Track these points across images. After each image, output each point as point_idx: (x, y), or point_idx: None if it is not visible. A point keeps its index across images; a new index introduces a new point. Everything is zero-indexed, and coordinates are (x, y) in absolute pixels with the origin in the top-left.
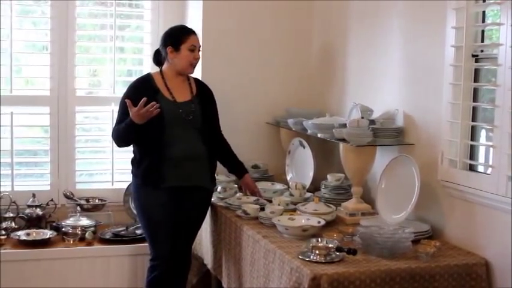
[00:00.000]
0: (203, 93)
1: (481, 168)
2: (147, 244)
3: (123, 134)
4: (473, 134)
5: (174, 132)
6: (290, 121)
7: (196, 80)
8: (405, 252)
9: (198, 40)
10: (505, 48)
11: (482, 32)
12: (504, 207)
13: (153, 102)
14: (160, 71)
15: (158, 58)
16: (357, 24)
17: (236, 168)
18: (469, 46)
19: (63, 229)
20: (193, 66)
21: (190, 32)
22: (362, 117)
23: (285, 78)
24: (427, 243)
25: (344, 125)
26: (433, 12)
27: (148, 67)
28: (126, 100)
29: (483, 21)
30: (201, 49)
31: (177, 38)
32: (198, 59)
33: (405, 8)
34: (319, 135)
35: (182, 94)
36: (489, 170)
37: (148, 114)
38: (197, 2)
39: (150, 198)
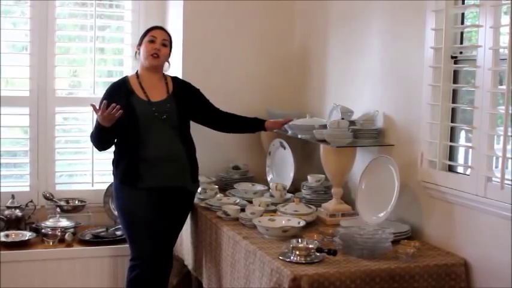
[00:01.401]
0: (180, 91)
1: (460, 169)
2: (127, 245)
3: (97, 137)
4: (453, 135)
5: (149, 132)
6: None
7: (173, 78)
8: (385, 252)
9: (160, 33)
10: (483, 50)
11: (461, 34)
12: (483, 208)
13: (113, 104)
14: (136, 72)
15: None
16: (337, 25)
17: (254, 125)
18: (448, 48)
19: (43, 230)
20: (153, 56)
21: (153, 28)
22: (342, 119)
23: (266, 79)
24: (406, 244)
25: (324, 126)
26: (412, 14)
27: (129, 68)
28: (92, 104)
29: (462, 23)
30: (167, 44)
31: (142, 35)
32: (159, 50)
33: (385, 9)
34: (299, 136)
35: (157, 93)
36: (468, 171)
37: (111, 117)
38: (178, 2)
39: (129, 198)
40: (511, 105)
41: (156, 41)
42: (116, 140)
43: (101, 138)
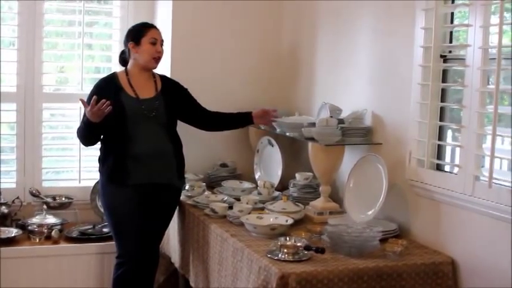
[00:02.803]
0: (168, 89)
1: (448, 168)
2: (114, 242)
3: (84, 133)
4: (441, 134)
5: (137, 129)
6: None
7: (162, 76)
8: (373, 251)
9: (159, 34)
10: (472, 49)
11: (451, 33)
12: (470, 207)
13: (103, 100)
14: (126, 69)
15: (124, 58)
16: (326, 23)
17: (240, 119)
18: (437, 47)
19: (29, 227)
20: (156, 60)
21: (150, 26)
22: (331, 117)
23: (255, 77)
24: (394, 242)
25: (313, 124)
26: (402, 12)
27: (117, 64)
28: (81, 99)
29: (451, 22)
30: (163, 44)
31: (137, 32)
32: (161, 52)
33: (374, 8)
34: (287, 134)
35: (146, 91)
36: (456, 170)
37: (100, 113)
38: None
39: (116, 195)
40: (499, 105)
41: (157, 43)
42: (102, 137)
43: (88, 134)
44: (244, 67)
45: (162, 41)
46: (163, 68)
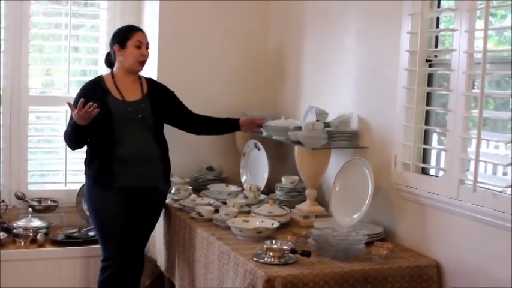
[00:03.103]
0: (154, 92)
1: (433, 172)
2: (99, 246)
3: (71, 136)
4: (426, 138)
5: (123, 132)
6: None
7: (148, 79)
8: (358, 254)
9: (145, 37)
10: (458, 53)
11: (436, 37)
12: (455, 210)
13: (91, 103)
14: (111, 72)
15: (109, 60)
16: (312, 27)
17: (228, 125)
18: (423, 51)
19: (15, 230)
20: (141, 63)
21: (136, 29)
22: (317, 120)
23: (241, 80)
24: (380, 246)
25: (299, 128)
26: (388, 16)
27: (103, 67)
28: (68, 103)
29: (437, 26)
30: (149, 47)
31: (123, 35)
32: (146, 56)
33: (361, 12)
34: (274, 137)
35: (132, 93)
36: (441, 174)
37: (88, 116)
38: (154, 1)
39: (102, 198)
40: (484, 109)
41: (142, 46)
42: (88, 140)
43: (75, 137)
44: (231, 70)
45: (148, 44)
46: (150, 69)
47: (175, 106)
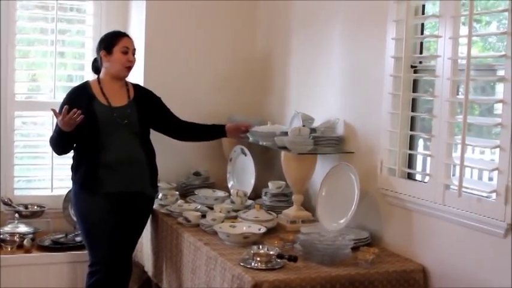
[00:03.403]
0: (141, 98)
1: (419, 177)
2: (86, 251)
3: (56, 142)
4: (412, 143)
5: (109, 137)
6: None
7: (134, 85)
8: (345, 259)
9: (131, 43)
10: (442, 59)
11: (421, 43)
12: (441, 215)
13: (75, 109)
14: (98, 77)
15: (96, 66)
16: (298, 33)
17: (213, 132)
18: (408, 57)
19: (1, 236)
20: (128, 69)
21: (122, 35)
22: (303, 126)
23: (227, 86)
24: (366, 250)
25: (285, 133)
26: (373, 23)
27: (90, 72)
28: (53, 109)
29: (422, 33)
30: (135, 53)
31: (109, 41)
32: (133, 61)
33: (346, 18)
34: (260, 143)
35: (118, 99)
36: (426, 179)
37: (72, 122)
38: (140, 8)
39: (88, 203)
40: (468, 114)
41: (129, 52)
42: (75, 145)
43: (60, 143)
44: (218, 75)
45: (134, 49)
46: (136, 75)
47: (162, 112)
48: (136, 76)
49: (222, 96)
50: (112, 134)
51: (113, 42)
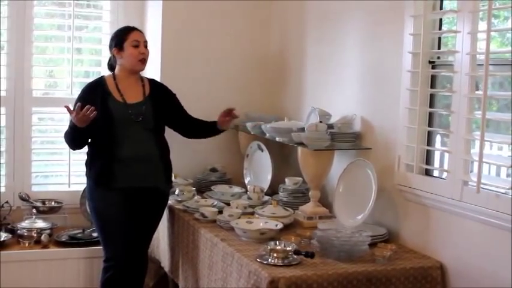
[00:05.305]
0: (156, 94)
1: (436, 173)
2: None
3: (70, 137)
4: (429, 139)
5: (124, 134)
6: (248, 125)
7: (150, 80)
8: (362, 255)
9: (141, 35)
10: (460, 55)
11: (439, 39)
12: (459, 212)
13: (88, 106)
14: (113, 73)
15: (111, 64)
16: (314, 28)
17: (209, 128)
18: (426, 53)
19: (19, 232)
20: (142, 62)
21: (131, 29)
22: (320, 122)
23: (244, 82)
24: (383, 247)
25: (302, 129)
26: (391, 18)
27: (106, 68)
28: (66, 106)
29: (440, 28)
30: (147, 45)
31: (119, 37)
32: (145, 53)
33: (364, 14)
34: (277, 139)
35: (134, 95)
36: (444, 175)
37: (86, 118)
38: (157, 3)
39: (103, 199)
40: (487, 110)
41: (140, 44)
42: (89, 141)
43: (74, 138)
44: (234, 72)
45: (146, 42)
46: (153, 72)
47: (175, 109)
48: (153, 72)
49: (238, 93)
50: (126, 130)
51: (123, 38)
